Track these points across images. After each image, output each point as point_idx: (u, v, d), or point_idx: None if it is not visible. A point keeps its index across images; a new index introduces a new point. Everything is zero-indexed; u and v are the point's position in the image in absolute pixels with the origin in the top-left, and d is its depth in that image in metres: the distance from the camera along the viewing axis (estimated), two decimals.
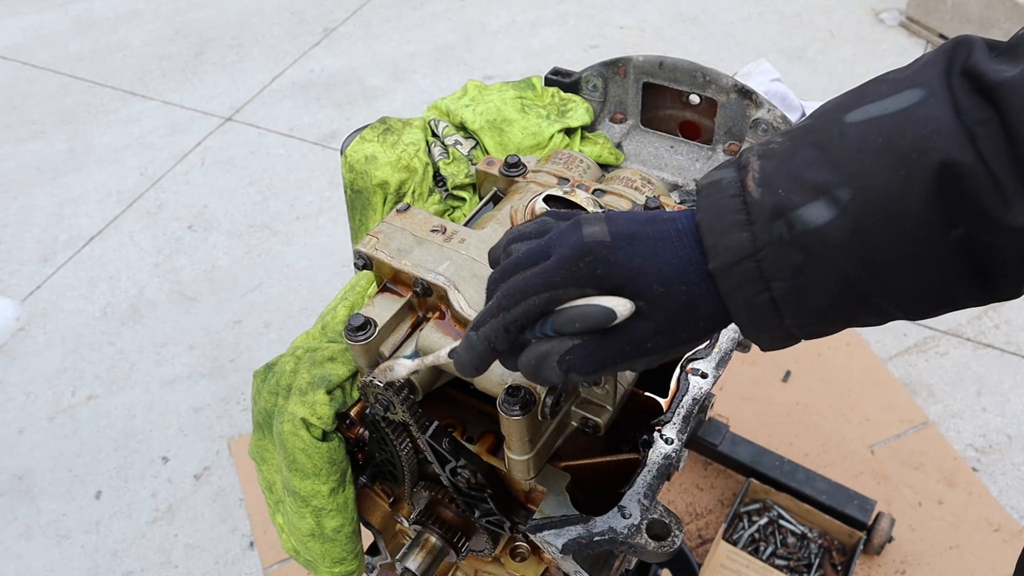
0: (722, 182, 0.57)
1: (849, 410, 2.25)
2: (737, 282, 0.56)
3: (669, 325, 0.58)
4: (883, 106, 0.54)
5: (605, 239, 0.58)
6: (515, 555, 0.96)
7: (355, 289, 1.01)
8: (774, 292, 0.55)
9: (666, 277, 0.57)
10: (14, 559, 2.06)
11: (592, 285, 0.57)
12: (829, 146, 0.54)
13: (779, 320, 0.56)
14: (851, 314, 0.56)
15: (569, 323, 0.58)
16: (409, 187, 1.08)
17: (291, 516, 0.96)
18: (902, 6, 3.86)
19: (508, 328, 0.60)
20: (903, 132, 0.52)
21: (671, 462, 0.81)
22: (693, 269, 0.57)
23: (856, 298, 0.55)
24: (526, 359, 0.62)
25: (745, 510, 2.01)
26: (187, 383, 2.43)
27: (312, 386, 0.89)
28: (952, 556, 1.97)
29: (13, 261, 2.84)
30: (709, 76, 1.10)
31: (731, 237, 0.55)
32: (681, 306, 0.57)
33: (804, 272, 0.54)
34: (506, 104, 1.13)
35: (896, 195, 0.51)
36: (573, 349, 0.59)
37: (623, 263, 0.57)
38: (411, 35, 3.86)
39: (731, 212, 0.56)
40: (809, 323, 0.57)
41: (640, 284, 0.57)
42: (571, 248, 0.58)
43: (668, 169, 1.15)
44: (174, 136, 3.34)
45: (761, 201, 0.54)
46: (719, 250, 0.56)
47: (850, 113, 0.55)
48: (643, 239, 0.58)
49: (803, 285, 0.54)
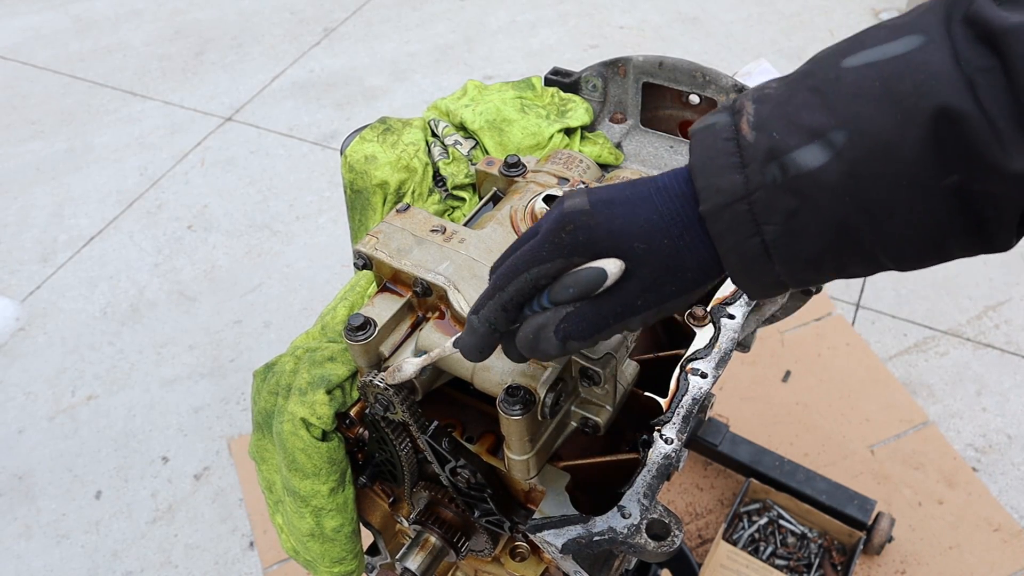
0: (716, 125, 0.57)
1: (849, 410, 2.25)
2: (728, 225, 0.55)
3: (656, 280, 0.59)
4: (881, 51, 0.53)
5: (584, 207, 0.59)
6: (515, 555, 0.96)
7: (355, 289, 1.01)
8: (765, 236, 0.55)
9: (647, 233, 0.58)
10: (14, 559, 2.06)
11: (577, 253, 0.59)
12: (825, 90, 0.54)
13: (769, 266, 0.56)
14: (842, 262, 0.56)
15: (563, 290, 0.59)
16: (409, 187, 1.08)
17: (291, 516, 0.96)
18: (902, 6, 3.86)
19: (505, 307, 0.61)
20: (901, 77, 0.51)
21: (671, 462, 0.81)
22: (676, 221, 0.58)
23: (848, 244, 0.54)
24: (523, 334, 0.62)
25: (745, 510, 2.01)
26: (187, 383, 2.43)
27: (312, 386, 0.89)
28: (952, 556, 1.97)
29: (13, 261, 2.84)
30: (709, 76, 1.10)
31: (724, 179, 0.55)
32: (665, 259, 0.58)
33: (796, 216, 0.54)
34: (506, 104, 1.13)
35: (892, 140, 0.51)
36: (567, 316, 0.60)
37: (603, 225, 0.58)
38: (411, 35, 3.86)
39: (724, 154, 0.55)
40: (799, 270, 0.57)
41: (623, 244, 0.58)
42: (553, 221, 0.60)
43: (668, 169, 1.15)
44: (174, 136, 3.34)
45: (755, 144, 0.54)
46: (711, 192, 0.56)
47: (848, 58, 0.54)
48: (621, 202, 0.59)
49: (795, 229, 0.54)
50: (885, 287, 2.60)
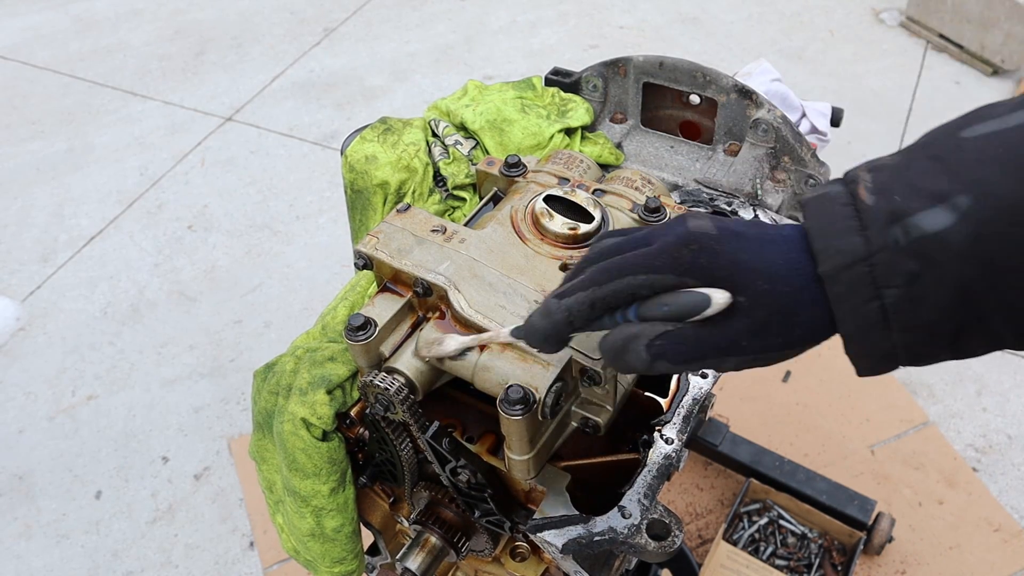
0: (830, 194, 0.56)
1: (849, 410, 2.25)
2: (847, 286, 0.53)
3: (766, 326, 0.56)
4: (1002, 122, 0.53)
5: (712, 231, 0.57)
6: (515, 555, 0.96)
7: (355, 289, 1.01)
8: (886, 300, 0.53)
9: (772, 275, 0.56)
10: (14, 559, 2.06)
11: (694, 274, 0.56)
12: (946, 158, 0.52)
13: (886, 333, 0.54)
14: (962, 335, 0.54)
15: (658, 306, 0.57)
16: (409, 187, 1.08)
17: (291, 516, 0.96)
18: (902, 6, 3.86)
19: (595, 304, 0.58)
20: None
21: (671, 462, 0.81)
22: (799, 272, 0.56)
23: (970, 314, 0.52)
24: (612, 339, 0.59)
25: (745, 510, 2.01)
26: (187, 383, 2.43)
27: (312, 386, 0.89)
28: (952, 556, 1.97)
29: (13, 261, 2.84)
30: (709, 76, 1.10)
31: (843, 241, 0.53)
32: (782, 307, 0.56)
33: (919, 280, 0.52)
34: (506, 104, 1.13)
35: (1020, 203, 0.49)
36: (666, 335, 0.57)
37: (729, 255, 0.56)
38: (411, 35, 3.86)
39: (843, 218, 0.54)
40: (917, 341, 0.54)
41: (745, 278, 0.56)
42: (676, 236, 0.57)
43: (668, 169, 1.15)
44: (174, 136, 3.34)
45: (875, 207, 0.53)
46: (830, 252, 0.54)
47: (966, 130, 0.53)
48: (750, 238, 0.57)
49: (917, 294, 0.52)
50: None
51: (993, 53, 3.47)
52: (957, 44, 3.59)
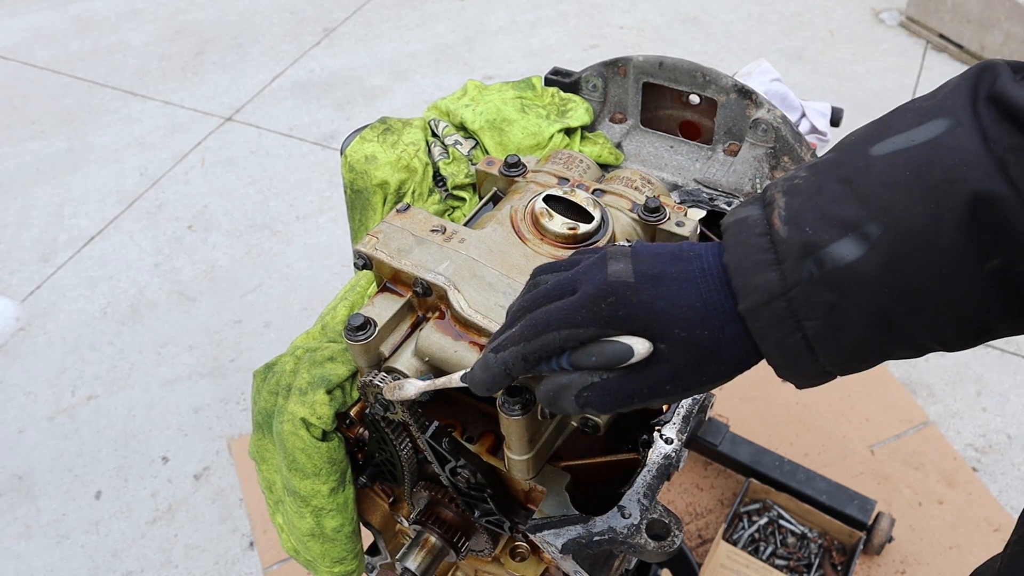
0: (748, 220, 0.57)
1: (849, 410, 2.25)
2: (768, 322, 0.55)
3: (689, 368, 0.57)
4: (909, 137, 0.53)
5: (629, 279, 0.58)
6: (515, 555, 0.96)
7: (355, 289, 1.01)
8: (807, 331, 0.54)
9: (689, 321, 0.57)
10: (14, 559, 2.06)
11: (613, 326, 0.57)
12: (855, 180, 0.53)
13: (813, 359, 0.56)
14: (886, 349, 0.55)
15: (586, 357, 0.59)
16: (409, 187, 1.08)
17: (291, 516, 0.96)
18: (902, 6, 3.86)
19: (527, 358, 0.61)
20: (931, 164, 0.51)
21: (671, 462, 0.81)
22: (718, 313, 0.57)
23: (891, 334, 0.54)
24: (545, 389, 0.62)
25: (745, 510, 2.01)
26: (187, 383, 2.43)
27: (312, 386, 0.89)
28: (952, 556, 1.97)
29: (13, 261, 2.84)
30: (709, 76, 1.10)
31: (760, 277, 0.54)
32: (702, 350, 0.57)
33: (837, 310, 0.53)
34: (506, 104, 1.13)
35: (927, 229, 0.50)
36: (592, 387, 0.59)
37: (646, 305, 0.57)
38: (411, 35, 3.86)
39: (759, 251, 0.55)
40: (843, 360, 0.56)
41: (662, 327, 0.57)
42: (596, 287, 0.58)
43: (668, 169, 1.15)
44: (174, 136, 3.34)
45: (788, 239, 0.54)
46: (748, 291, 0.55)
47: (875, 145, 0.54)
48: (667, 280, 0.58)
49: (836, 323, 0.53)
50: None
51: (993, 53, 3.47)
52: (957, 44, 3.59)
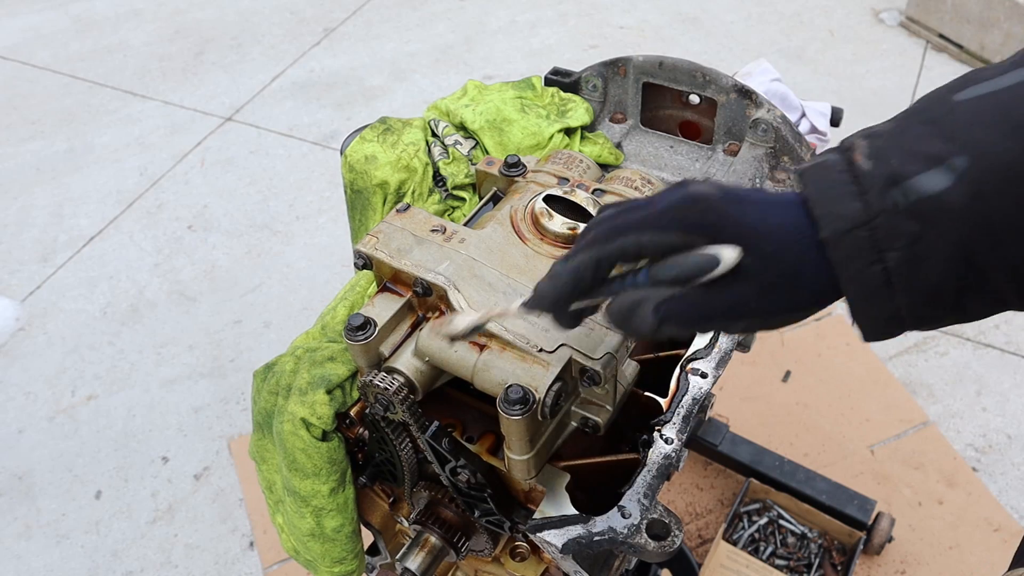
0: (826, 162, 0.56)
1: (849, 410, 2.25)
2: (849, 251, 0.54)
3: (774, 287, 0.56)
4: (995, 83, 0.53)
5: (715, 193, 0.57)
6: (515, 555, 0.96)
7: (355, 289, 1.01)
8: (888, 263, 0.53)
9: (779, 237, 0.56)
10: (14, 559, 2.06)
11: (699, 232, 0.56)
12: (941, 121, 0.53)
13: (890, 295, 0.54)
14: (964, 295, 0.54)
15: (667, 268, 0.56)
16: (409, 187, 1.08)
17: (291, 516, 0.96)
18: (902, 6, 3.86)
19: (600, 262, 0.58)
20: (1019, 103, 0.51)
21: (671, 462, 0.81)
22: (803, 236, 0.55)
23: (972, 276, 0.53)
24: (618, 304, 0.59)
25: (745, 510, 2.01)
26: (187, 383, 2.43)
27: (312, 386, 0.89)
28: (952, 556, 1.97)
29: (13, 261, 2.84)
30: (709, 76, 1.10)
31: (843, 206, 0.54)
32: (788, 269, 0.56)
33: (920, 241, 0.52)
34: (506, 104, 1.13)
35: (1015, 163, 0.50)
36: (673, 298, 0.57)
37: (734, 216, 0.56)
38: (411, 35, 3.86)
39: (840, 184, 0.54)
40: (920, 303, 0.55)
41: (751, 239, 0.55)
42: (680, 197, 0.57)
43: (668, 169, 1.15)
44: (174, 136, 3.34)
45: (872, 172, 0.53)
46: (831, 219, 0.54)
47: (959, 93, 0.54)
48: (752, 202, 0.57)
49: (918, 255, 0.52)
50: None
51: (993, 53, 3.47)
52: (957, 44, 3.59)
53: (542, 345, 0.76)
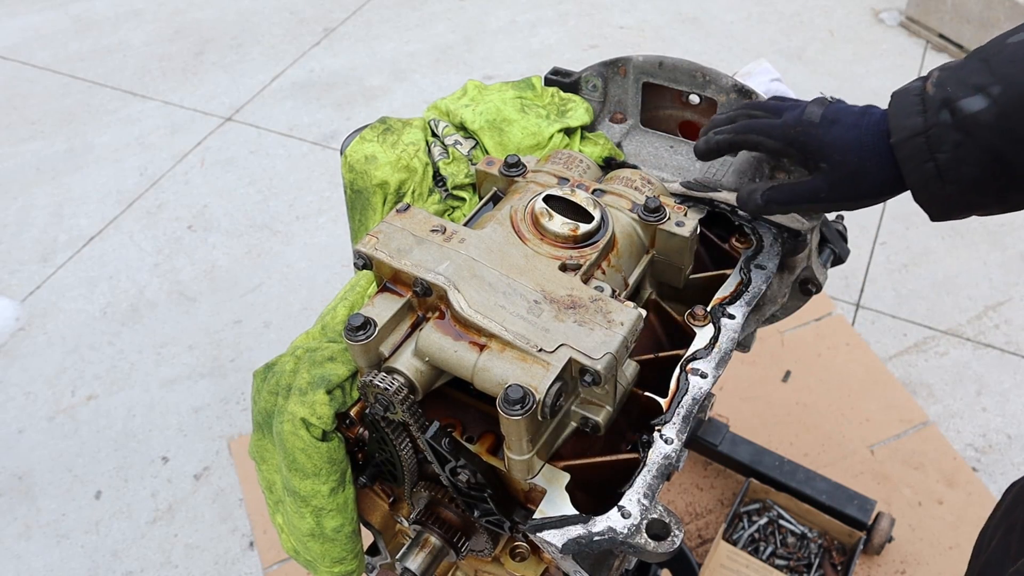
0: (910, 88, 0.80)
1: (849, 410, 2.25)
2: (910, 152, 0.78)
3: (840, 181, 0.84)
4: None
5: (815, 119, 0.85)
6: (515, 555, 0.96)
7: (355, 289, 1.01)
8: (938, 161, 0.76)
9: (844, 150, 0.83)
10: (14, 559, 2.06)
11: (795, 147, 0.87)
12: (991, 59, 0.75)
13: (941, 185, 0.77)
14: (1000, 186, 0.76)
15: None
16: (409, 187, 1.08)
17: (291, 516, 0.96)
18: (902, 6, 3.86)
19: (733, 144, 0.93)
20: None
21: (671, 462, 0.81)
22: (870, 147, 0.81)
23: (1004, 169, 0.74)
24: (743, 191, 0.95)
25: (745, 510, 2.01)
26: (187, 383, 2.43)
27: (312, 386, 0.89)
28: (952, 556, 1.97)
29: (13, 261, 2.84)
30: (709, 76, 1.10)
31: (909, 120, 0.78)
32: (851, 170, 0.83)
33: (962, 146, 0.74)
34: (506, 104, 1.13)
35: None
36: (772, 188, 0.91)
37: (820, 138, 0.84)
38: (411, 35, 3.86)
39: (911, 104, 0.78)
40: (965, 190, 0.77)
41: (827, 153, 0.84)
42: (793, 120, 0.87)
43: (668, 169, 1.15)
44: (174, 136, 3.34)
45: (933, 96, 0.77)
46: (899, 129, 0.78)
47: (1013, 36, 0.76)
48: (841, 124, 0.84)
49: (960, 156, 0.75)
50: (885, 287, 2.60)
51: None
52: (957, 44, 3.59)
53: (542, 345, 0.76)
